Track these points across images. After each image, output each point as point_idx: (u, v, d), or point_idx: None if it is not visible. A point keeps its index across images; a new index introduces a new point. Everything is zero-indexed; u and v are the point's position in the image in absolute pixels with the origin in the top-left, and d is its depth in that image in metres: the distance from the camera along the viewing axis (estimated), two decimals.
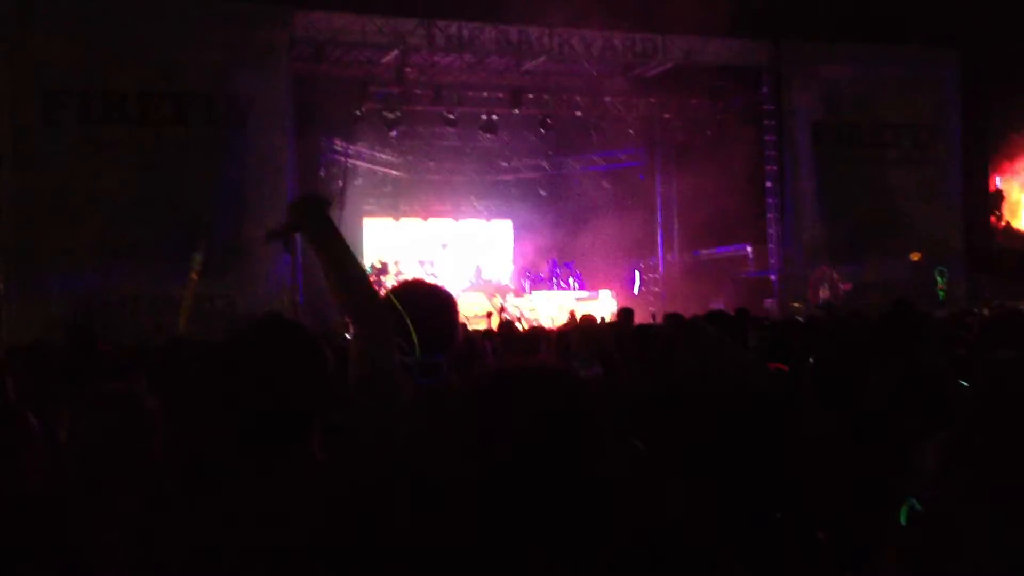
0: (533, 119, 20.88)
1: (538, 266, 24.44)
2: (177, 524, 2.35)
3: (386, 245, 24.32)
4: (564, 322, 15.15)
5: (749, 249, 20.89)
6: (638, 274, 23.96)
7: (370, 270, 21.72)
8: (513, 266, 25.84)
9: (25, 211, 14.65)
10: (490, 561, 1.54)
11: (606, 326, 9.50)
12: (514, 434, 1.52)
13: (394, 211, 24.83)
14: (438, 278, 19.96)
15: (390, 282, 19.52)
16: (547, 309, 20.91)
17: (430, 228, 25.53)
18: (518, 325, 15.52)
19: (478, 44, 17.85)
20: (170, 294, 13.71)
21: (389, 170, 23.64)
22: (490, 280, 24.12)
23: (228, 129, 15.91)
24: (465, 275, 23.80)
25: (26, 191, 14.67)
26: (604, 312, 18.18)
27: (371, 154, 22.49)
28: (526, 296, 22.77)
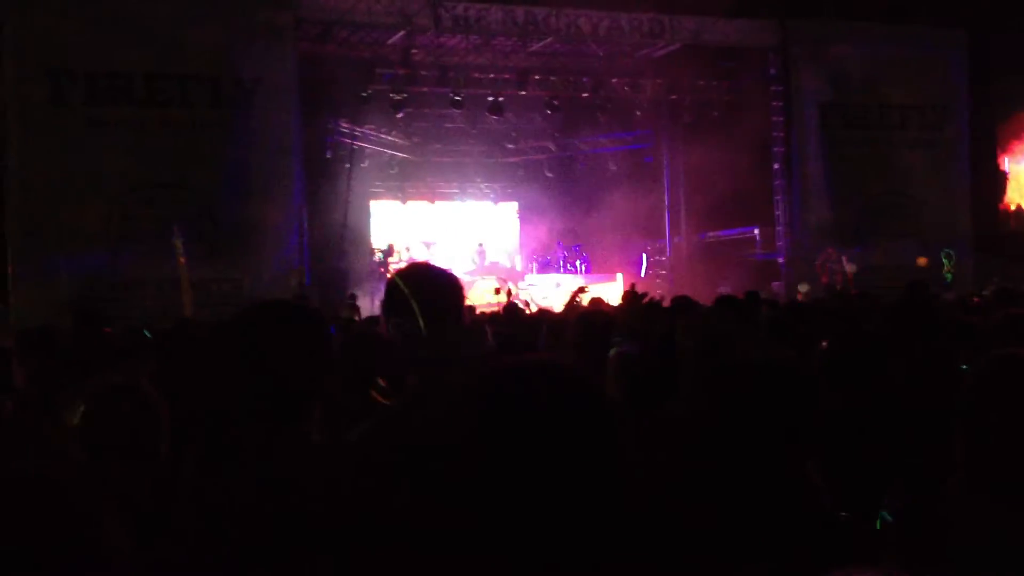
0: (540, 100, 20.79)
1: (545, 249, 24.39)
2: (181, 508, 2.35)
3: (393, 228, 24.31)
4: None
5: (756, 231, 20.84)
6: (644, 257, 23.90)
7: (380, 256, 21.73)
8: (519, 249, 25.79)
9: (32, 193, 14.62)
10: (492, 548, 1.53)
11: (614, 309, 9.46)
12: (510, 431, 1.51)
13: (400, 193, 24.79)
14: (441, 261, 19.91)
15: (397, 266, 19.48)
16: (555, 293, 20.83)
17: (436, 211, 25.51)
18: (526, 309, 15.47)
19: (485, 25, 17.76)
20: (177, 276, 13.69)
21: (396, 152, 23.59)
22: (496, 262, 24.09)
23: (234, 110, 15.86)
24: (469, 257, 23.76)
25: (32, 172, 14.63)
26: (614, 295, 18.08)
27: (377, 136, 22.45)
28: (528, 277, 22.70)
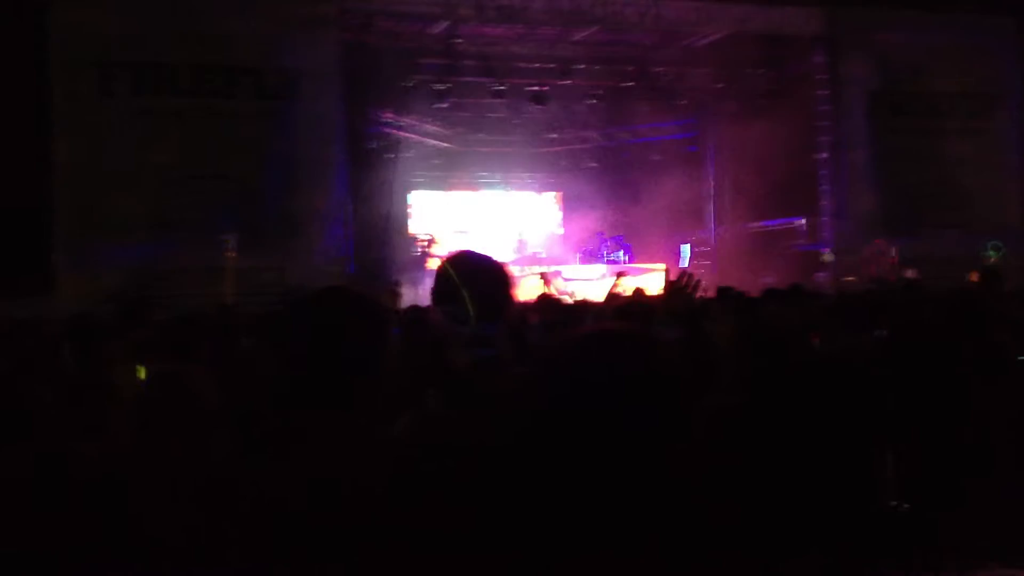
0: (583, 90, 20.70)
1: (587, 239, 24.28)
2: (228, 491, 2.35)
3: (435, 217, 24.35)
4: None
5: (803, 222, 20.59)
6: (687, 248, 23.71)
7: (423, 246, 21.75)
8: (561, 239, 25.71)
9: (78, 184, 14.76)
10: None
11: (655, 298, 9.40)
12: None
13: (443, 183, 24.84)
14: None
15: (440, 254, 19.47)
16: (597, 284, 20.68)
17: (478, 200, 25.52)
18: (567, 299, 15.37)
19: (528, 14, 17.64)
20: (221, 266, 13.78)
21: (438, 142, 23.61)
22: (537, 252, 24.01)
23: (278, 101, 15.94)
24: (510, 247, 23.70)
25: (79, 162, 14.76)
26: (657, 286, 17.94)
27: (420, 126, 22.46)
28: (570, 268, 22.55)
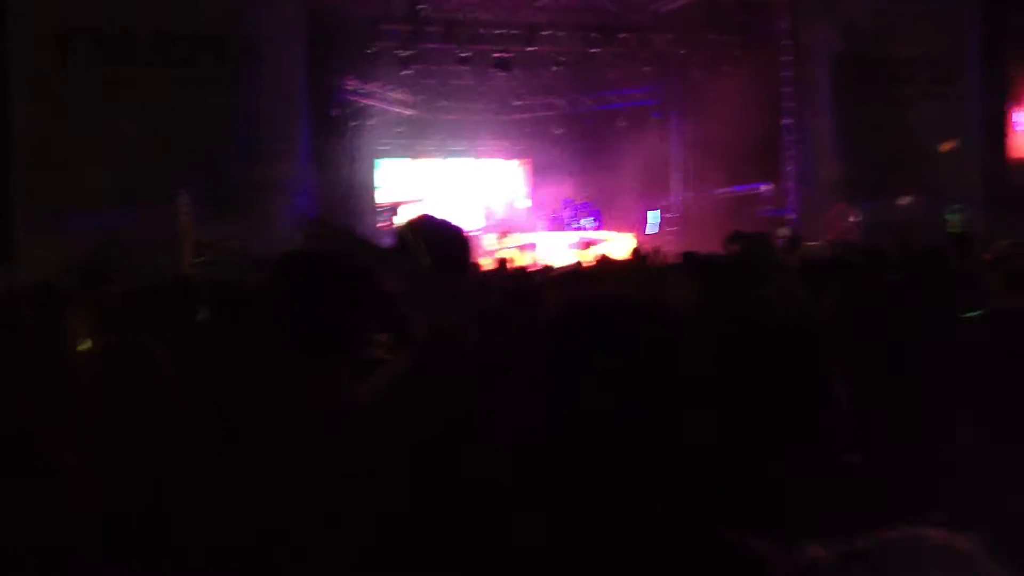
0: (549, 56, 20.61)
1: (554, 206, 24.29)
2: (195, 466, 2.36)
3: (400, 185, 24.27)
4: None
5: (768, 187, 20.68)
6: (655, 214, 23.76)
7: (386, 214, 21.70)
8: (529, 206, 25.71)
9: (39, 153, 14.63)
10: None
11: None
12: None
13: (410, 151, 24.73)
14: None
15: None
16: (559, 251, 20.73)
17: (447, 168, 25.44)
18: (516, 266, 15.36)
19: None
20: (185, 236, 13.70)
21: (403, 110, 23.48)
22: (504, 219, 24.02)
23: (241, 69, 15.81)
24: (476, 214, 23.69)
25: (40, 132, 14.64)
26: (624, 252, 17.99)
27: (384, 93, 22.32)
28: (536, 235, 22.59)
